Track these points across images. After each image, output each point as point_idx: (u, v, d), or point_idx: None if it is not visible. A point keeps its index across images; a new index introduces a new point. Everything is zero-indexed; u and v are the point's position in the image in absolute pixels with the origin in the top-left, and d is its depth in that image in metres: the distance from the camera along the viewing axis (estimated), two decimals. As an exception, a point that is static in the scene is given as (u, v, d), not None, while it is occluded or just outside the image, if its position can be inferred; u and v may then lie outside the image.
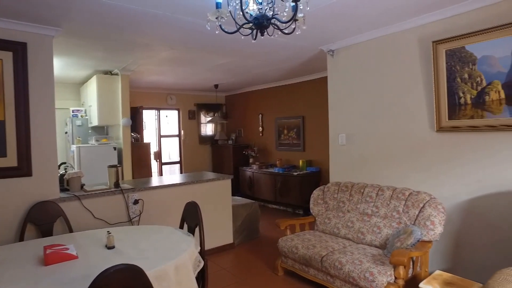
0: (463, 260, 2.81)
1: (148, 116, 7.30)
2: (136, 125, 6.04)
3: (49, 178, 2.93)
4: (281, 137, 6.69)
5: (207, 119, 7.91)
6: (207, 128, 8.01)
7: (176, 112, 7.66)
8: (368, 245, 3.04)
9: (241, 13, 1.76)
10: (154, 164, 7.10)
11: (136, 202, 3.34)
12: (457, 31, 2.72)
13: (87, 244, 2.21)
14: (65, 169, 3.53)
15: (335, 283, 2.77)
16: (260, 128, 7.19)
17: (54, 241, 2.28)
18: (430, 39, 2.90)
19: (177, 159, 7.70)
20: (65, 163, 3.72)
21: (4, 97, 2.70)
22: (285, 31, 1.89)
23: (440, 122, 2.87)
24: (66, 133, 5.62)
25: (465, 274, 2.66)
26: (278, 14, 1.85)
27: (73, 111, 5.50)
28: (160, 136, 7.48)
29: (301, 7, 1.75)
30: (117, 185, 3.31)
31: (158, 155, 7.36)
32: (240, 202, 4.50)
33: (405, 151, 3.18)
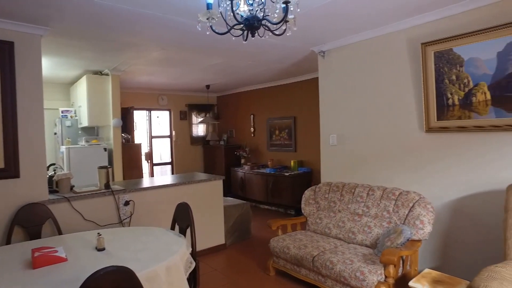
0: (451, 258, 2.86)
1: (139, 116, 7.25)
2: (127, 125, 5.99)
3: (37, 180, 2.89)
4: (272, 137, 6.70)
5: (199, 119, 7.88)
6: (199, 129, 7.98)
7: (167, 113, 7.62)
8: (359, 244, 3.06)
9: (232, 14, 1.77)
10: (145, 165, 7.06)
11: (127, 203, 3.31)
12: (445, 34, 2.77)
13: (77, 246, 2.19)
14: (54, 170, 3.49)
15: (327, 282, 2.79)
16: (252, 128, 7.19)
17: (43, 243, 2.24)
18: (419, 41, 2.94)
19: (169, 160, 7.65)
20: (54, 164, 3.68)
21: (-9, 97, 2.65)
22: (276, 32, 1.90)
23: (429, 122, 2.91)
24: (56, 134, 5.54)
25: (453, 272, 2.71)
26: (268, 15, 1.86)
27: (62, 111, 5.43)
28: (151, 137, 7.43)
29: (292, 9, 1.75)
30: (108, 186, 3.28)
31: (149, 156, 7.31)
32: (231, 203, 4.50)
33: (396, 151, 3.22)
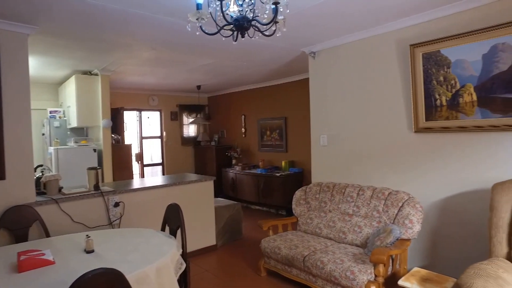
0: (439, 256, 2.90)
1: (130, 117, 7.17)
2: (117, 126, 5.92)
3: (24, 181, 2.84)
4: (264, 138, 6.71)
5: (190, 120, 7.84)
6: (190, 129, 7.94)
7: (158, 113, 7.57)
8: (349, 244, 3.09)
9: (221, 14, 1.77)
10: (136, 166, 6.99)
11: (116, 204, 3.28)
12: (433, 35, 2.81)
13: (65, 249, 2.15)
14: (42, 171, 3.43)
15: (317, 282, 2.80)
16: (243, 129, 7.19)
17: (29, 246, 2.20)
18: (408, 43, 2.98)
19: (159, 160, 7.60)
20: (42, 165, 3.62)
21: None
22: (266, 33, 1.90)
23: (418, 123, 2.95)
24: (43, 134, 5.44)
25: (441, 270, 2.75)
26: (258, 16, 1.86)
27: (50, 112, 5.34)
28: (142, 138, 7.37)
29: (281, 10, 1.76)
30: (97, 188, 3.24)
31: (140, 157, 7.24)
32: (222, 204, 4.48)
33: (385, 151, 3.26)
